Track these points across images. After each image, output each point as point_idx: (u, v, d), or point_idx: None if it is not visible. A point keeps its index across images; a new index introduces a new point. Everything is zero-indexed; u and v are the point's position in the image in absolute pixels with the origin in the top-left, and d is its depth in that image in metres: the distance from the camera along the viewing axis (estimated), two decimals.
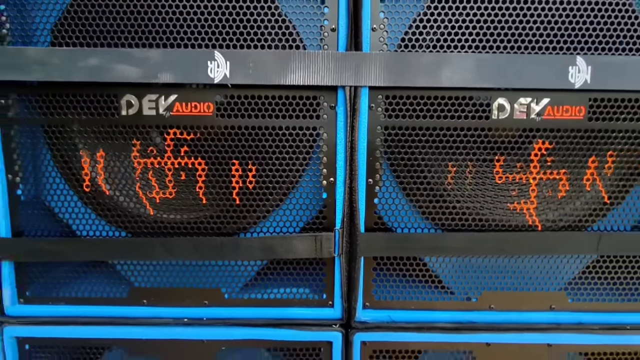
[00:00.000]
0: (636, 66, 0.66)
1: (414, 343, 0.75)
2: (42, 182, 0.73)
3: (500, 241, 0.71)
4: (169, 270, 0.74)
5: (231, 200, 0.71)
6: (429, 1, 0.65)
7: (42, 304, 0.75)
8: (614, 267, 0.75)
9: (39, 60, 0.66)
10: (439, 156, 0.70)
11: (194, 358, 0.75)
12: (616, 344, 0.74)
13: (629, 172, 0.71)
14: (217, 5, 0.65)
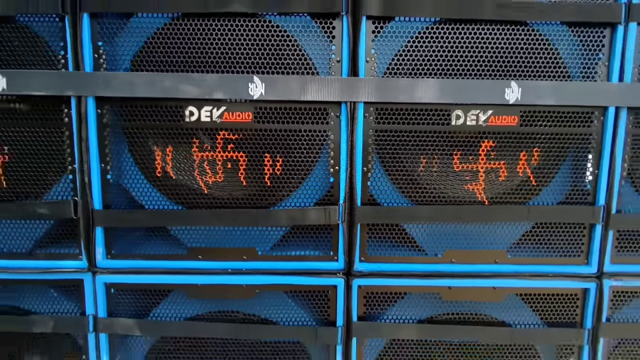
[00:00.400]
0: (552, 88, 0.93)
1: (397, 287, 1.03)
2: (122, 170, 1.00)
3: (458, 212, 0.99)
4: (217, 234, 1.01)
5: (264, 182, 0.98)
6: (405, 42, 0.92)
7: (124, 259, 1.02)
8: (541, 233, 1.03)
9: (127, 81, 0.92)
10: (413, 151, 0.97)
11: (237, 298, 1.03)
12: (540, 287, 1.03)
13: (550, 162, 0.99)
14: (257, 44, 0.91)
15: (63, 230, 1.01)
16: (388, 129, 0.96)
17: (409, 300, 1.05)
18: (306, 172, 0.98)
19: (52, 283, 1.03)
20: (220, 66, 0.93)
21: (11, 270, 1.01)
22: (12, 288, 1.04)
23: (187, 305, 1.05)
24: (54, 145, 0.96)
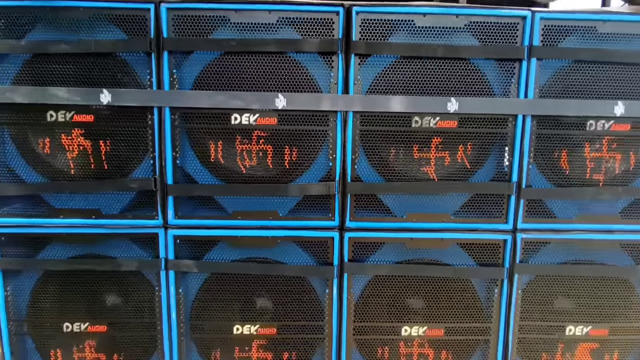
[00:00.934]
0: (481, 102, 1.38)
1: (376, 238, 1.49)
2: (185, 158, 1.44)
3: (416, 187, 1.44)
4: (251, 202, 1.46)
5: (284, 166, 1.43)
6: (380, 71, 1.37)
7: (187, 219, 1.47)
8: (475, 202, 1.49)
9: (192, 97, 1.36)
10: (386, 144, 1.43)
11: (264, 246, 1.48)
12: (474, 238, 1.49)
13: (480, 153, 1.45)
14: (281, 71, 1.36)
15: (144, 199, 1.45)
16: (369, 129, 1.41)
17: (385, 249, 1.51)
18: (313, 159, 1.43)
19: (136, 236, 1.48)
20: (256, 86, 1.37)
21: (108, 226, 1.46)
22: (108, 242, 1.49)
23: (229, 252, 1.50)
24: (141, 140, 1.41)
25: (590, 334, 1.55)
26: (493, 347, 1.56)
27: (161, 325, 1.51)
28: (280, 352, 1.55)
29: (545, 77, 1.41)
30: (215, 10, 1.35)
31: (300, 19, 1.36)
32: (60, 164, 1.43)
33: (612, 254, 1.52)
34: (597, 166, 1.47)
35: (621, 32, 1.40)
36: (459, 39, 1.37)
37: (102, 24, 1.35)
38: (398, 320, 1.54)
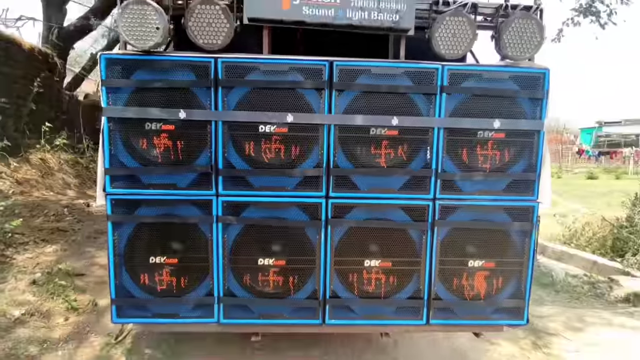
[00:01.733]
0: (413, 119, 2.27)
1: (349, 204, 2.37)
2: (229, 152, 2.31)
3: (374, 171, 2.33)
4: (270, 180, 2.33)
5: (291, 158, 2.31)
6: (350, 100, 2.25)
7: (229, 190, 2.33)
8: (412, 182, 2.38)
9: (235, 115, 2.23)
10: (355, 145, 2.31)
11: (277, 209, 2.36)
12: (409, 204, 2.37)
13: (413, 151, 2.33)
14: (290, 99, 2.23)
15: (204, 178, 2.32)
16: (344, 135, 2.29)
17: (354, 210, 2.39)
18: (309, 154, 2.31)
19: (198, 202, 2.34)
20: (275, 108, 2.24)
21: (180, 195, 2.33)
22: (180, 205, 2.34)
23: (256, 212, 2.37)
24: (203, 141, 2.27)
25: (484, 265, 2.45)
26: (422, 275, 2.45)
27: (212, 259, 2.38)
28: (287, 276, 2.43)
29: (452, 104, 2.30)
30: (250, 62, 2.22)
31: (303, 68, 2.23)
32: (152, 156, 2.30)
33: (498, 215, 2.41)
34: (485, 159, 2.36)
35: (497, 77, 2.29)
36: (399, 80, 2.26)
37: (182, 69, 2.22)
38: (362, 256, 2.42)
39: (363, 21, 2.23)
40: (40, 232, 4.20)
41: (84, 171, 6.67)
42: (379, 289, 2.45)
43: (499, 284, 2.48)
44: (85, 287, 3.42)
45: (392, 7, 2.22)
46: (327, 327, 2.47)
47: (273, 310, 2.44)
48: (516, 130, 2.35)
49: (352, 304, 2.45)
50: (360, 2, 2.21)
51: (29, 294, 3.09)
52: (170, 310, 2.41)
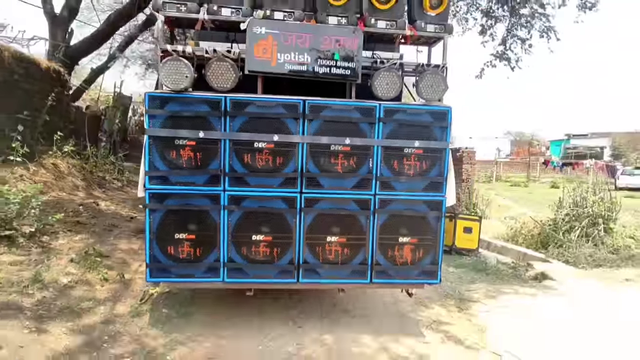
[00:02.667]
0: (361, 140, 3.34)
1: (315, 197, 3.41)
2: (232, 161, 3.32)
3: (334, 175, 3.38)
4: (262, 180, 3.35)
5: (277, 165, 3.34)
6: (317, 126, 3.31)
7: (232, 187, 3.34)
8: (361, 183, 3.44)
9: (238, 135, 3.26)
10: (320, 156, 3.36)
11: (266, 201, 3.38)
12: (359, 198, 3.43)
13: (361, 162, 3.40)
14: (276, 126, 3.28)
15: (214, 178, 3.32)
16: (313, 150, 3.34)
17: (320, 202, 3.43)
18: (288, 162, 3.35)
19: (210, 195, 3.34)
20: (265, 130, 3.28)
21: (197, 190, 3.32)
22: (196, 198, 3.33)
23: (252, 203, 3.38)
24: (215, 153, 3.28)
25: (410, 241, 3.53)
26: (367, 248, 3.50)
27: (219, 236, 3.37)
28: (272, 248, 3.44)
29: (387, 130, 3.39)
30: (248, 100, 3.26)
31: (284, 104, 3.28)
32: (178, 163, 3.28)
33: (419, 206, 3.50)
34: (409, 168, 3.45)
35: (417, 112, 3.40)
36: (350, 113, 3.33)
37: (201, 104, 3.23)
38: (325, 234, 3.46)
39: (327, 74, 3.30)
40: (65, 225, 5.06)
41: (89, 175, 7.51)
42: (337, 257, 3.49)
43: (420, 254, 3.56)
44: (112, 265, 4.33)
45: (346, 65, 3.30)
46: (300, 285, 3.50)
47: (262, 273, 3.44)
48: (430, 148, 3.45)
49: (318, 268, 3.48)
50: (324, 61, 3.28)
51: (70, 268, 3.99)
52: (189, 272, 3.39)
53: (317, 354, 3.34)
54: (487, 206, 10.65)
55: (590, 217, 6.88)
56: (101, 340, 3.20)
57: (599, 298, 4.71)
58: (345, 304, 4.29)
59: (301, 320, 3.85)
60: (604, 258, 6.22)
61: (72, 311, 3.43)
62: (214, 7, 3.22)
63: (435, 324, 4.03)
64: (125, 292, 3.96)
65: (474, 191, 10.41)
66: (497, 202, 10.89)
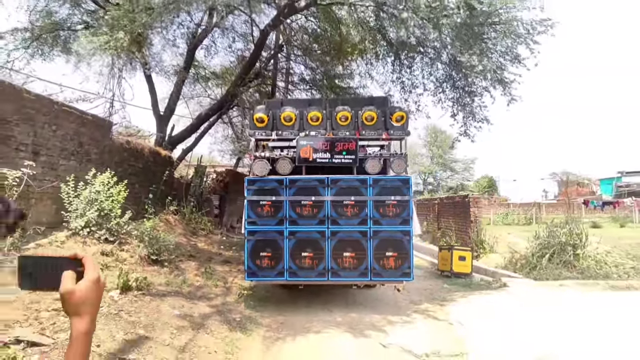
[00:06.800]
0: (359, 197, 6.03)
1: (336, 230, 6.07)
2: (290, 212, 6.10)
3: (346, 217, 6.05)
4: (306, 222, 6.09)
5: (313, 213, 6.08)
6: (335, 191, 6.06)
7: (291, 226, 6.10)
8: (361, 221, 6.07)
9: (292, 198, 6.08)
10: (339, 207, 6.06)
11: (310, 233, 6.07)
12: (360, 230, 6.05)
13: (360, 209, 6.07)
14: (311, 192, 6.07)
15: (280, 222, 6.10)
16: (334, 204, 6.06)
17: (340, 233, 6.07)
18: (320, 211, 6.08)
19: (278, 231, 6.10)
20: (306, 194, 6.07)
21: (271, 228, 6.10)
22: (271, 233, 6.10)
23: (301, 234, 6.09)
24: (281, 208, 6.08)
25: (393, 254, 6.03)
26: (367, 260, 6.03)
27: (283, 253, 6.08)
28: (312, 260, 6.07)
29: (375, 191, 6.06)
30: (298, 178, 6.09)
31: (317, 179, 6.08)
32: (262, 214, 6.12)
33: (397, 234, 6.04)
34: (390, 212, 6.05)
35: (392, 179, 6.07)
36: (354, 183, 6.06)
37: (274, 182, 6.11)
38: (343, 251, 6.05)
39: (339, 162, 6.09)
40: (183, 256, 8.02)
41: (186, 226, 10.66)
42: (350, 265, 6.05)
43: (399, 262, 6.03)
44: (217, 278, 7.14)
45: (350, 157, 6.09)
46: (329, 282, 6.06)
47: (307, 274, 6.06)
48: (400, 200, 6.04)
49: (340, 272, 6.04)
50: (338, 156, 6.08)
51: (197, 278, 6.84)
52: (267, 274, 6.08)
53: (341, 321, 5.82)
54: (496, 243, 12.59)
55: (559, 245, 8.87)
56: (222, 311, 5.90)
57: (534, 295, 6.80)
58: (359, 300, 6.74)
59: (331, 306, 6.37)
60: (566, 276, 8.17)
61: (205, 297, 6.20)
62: (280, 132, 6.20)
63: (420, 310, 6.37)
64: (228, 292, 6.71)
65: (482, 230, 12.47)
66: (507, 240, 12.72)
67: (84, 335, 0.85)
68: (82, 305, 0.86)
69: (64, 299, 0.86)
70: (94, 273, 0.88)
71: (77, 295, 0.86)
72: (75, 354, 0.84)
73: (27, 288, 0.92)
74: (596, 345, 4.52)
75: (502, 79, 8.28)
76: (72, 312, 0.86)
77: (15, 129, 5.56)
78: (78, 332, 0.85)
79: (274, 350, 4.72)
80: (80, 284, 0.86)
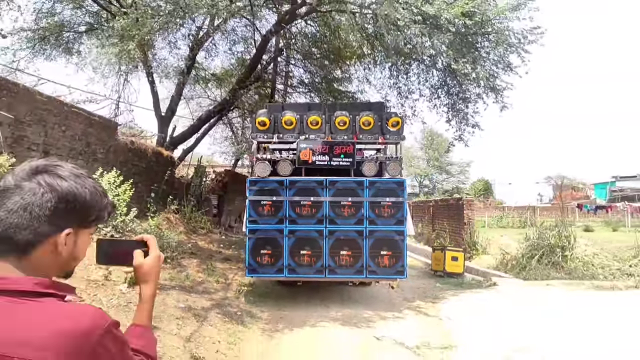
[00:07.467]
0: (355, 199, 6.32)
1: (334, 229, 6.36)
2: (290, 211, 6.39)
3: (343, 217, 6.34)
4: (305, 221, 6.37)
5: (312, 213, 6.37)
6: (333, 192, 6.35)
7: (290, 225, 6.38)
8: (358, 221, 6.36)
9: (292, 198, 6.36)
10: (336, 208, 6.36)
11: (309, 231, 6.36)
12: (356, 229, 6.34)
13: (356, 209, 6.36)
14: (310, 192, 6.37)
15: (280, 221, 6.37)
16: (332, 204, 6.36)
17: (337, 232, 6.37)
18: (319, 211, 6.36)
19: (278, 230, 6.38)
20: (306, 194, 6.36)
21: (272, 227, 6.38)
22: (271, 232, 6.38)
23: (300, 233, 6.37)
24: (281, 208, 6.37)
25: (387, 253, 6.32)
26: (363, 258, 6.33)
27: (283, 251, 6.35)
28: (311, 258, 6.34)
29: (371, 192, 6.36)
30: (298, 179, 6.38)
31: (316, 181, 6.36)
32: (262, 213, 6.40)
33: (392, 233, 6.33)
34: (385, 212, 6.34)
35: (387, 182, 6.37)
36: (351, 184, 6.35)
37: (274, 182, 6.39)
38: (340, 250, 6.34)
39: (338, 165, 6.38)
40: (185, 254, 8.28)
41: (187, 224, 10.91)
42: (347, 263, 6.33)
43: (393, 261, 6.33)
44: (218, 274, 7.41)
45: (347, 160, 6.38)
46: (327, 279, 6.34)
47: (306, 271, 6.34)
48: (395, 201, 6.34)
49: (337, 269, 6.32)
50: (336, 159, 6.38)
51: (200, 274, 7.10)
52: (267, 271, 6.36)
53: (338, 316, 6.10)
54: (488, 244, 12.92)
55: (548, 247, 9.20)
56: (223, 305, 6.17)
57: (521, 293, 7.13)
58: (355, 297, 7.04)
59: (328, 302, 6.66)
60: (554, 276, 8.50)
61: (207, 292, 6.47)
62: (281, 135, 6.49)
63: (413, 306, 6.67)
64: (229, 288, 6.98)
65: (475, 232, 12.80)
66: (500, 242, 13.07)
67: (151, 297, 1.14)
68: (148, 274, 1.14)
69: (136, 270, 1.14)
70: (156, 251, 1.17)
71: (145, 268, 1.14)
72: (145, 310, 1.12)
73: (103, 263, 1.20)
74: (570, 338, 4.84)
75: (495, 87, 8.61)
76: (141, 280, 1.14)
77: (28, 129, 5.81)
78: (146, 295, 1.13)
79: (274, 341, 5.00)
80: (147, 259, 1.15)
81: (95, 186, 0.96)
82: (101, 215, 0.98)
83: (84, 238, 0.96)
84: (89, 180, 0.96)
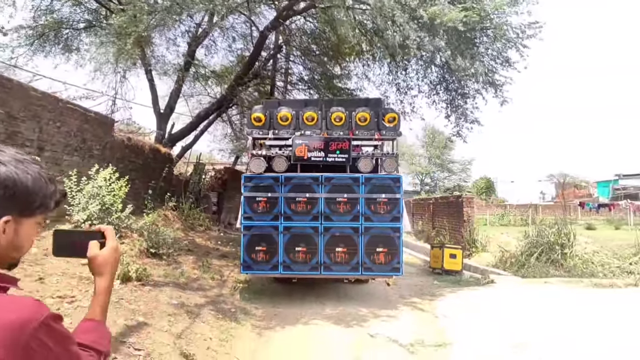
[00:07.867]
0: (351, 195, 6.27)
1: (330, 226, 6.32)
2: (285, 207, 6.34)
3: (339, 214, 6.29)
4: (301, 218, 6.33)
5: (308, 209, 6.32)
6: (328, 188, 6.30)
7: (285, 221, 6.34)
8: (354, 217, 6.31)
9: (287, 195, 6.31)
10: (332, 204, 6.31)
11: (304, 228, 6.32)
12: (352, 226, 6.30)
13: (352, 206, 6.31)
14: (306, 189, 6.32)
15: (275, 217, 6.33)
16: (328, 201, 6.31)
17: (332, 229, 6.32)
18: (314, 208, 6.32)
19: (273, 226, 6.34)
20: (301, 191, 6.31)
21: (267, 224, 6.34)
22: (266, 228, 6.34)
23: (295, 230, 6.33)
24: (276, 204, 6.32)
25: (383, 250, 6.27)
26: (359, 254, 6.28)
27: (278, 248, 6.31)
28: (306, 255, 6.30)
29: (367, 188, 6.30)
30: (293, 176, 6.33)
31: (312, 177, 6.32)
32: (257, 209, 6.35)
33: (387, 230, 6.28)
34: (381, 208, 6.29)
35: (383, 178, 6.32)
36: (347, 180, 6.30)
37: (269, 179, 6.35)
38: (336, 246, 6.30)
39: (333, 161, 6.33)
40: (181, 251, 8.26)
41: (185, 221, 10.89)
42: (342, 260, 6.29)
43: (389, 258, 6.28)
44: (214, 271, 7.38)
45: (343, 156, 6.33)
46: (322, 275, 6.30)
47: (301, 268, 6.30)
48: (391, 198, 6.29)
49: (332, 266, 6.28)
50: (332, 155, 6.32)
51: (195, 271, 7.08)
52: (262, 268, 6.32)
53: (333, 313, 6.06)
54: (488, 242, 12.84)
55: (547, 244, 9.12)
56: (217, 302, 6.14)
57: (519, 291, 7.07)
58: (351, 294, 6.99)
59: (323, 299, 6.62)
60: (553, 274, 8.43)
61: (202, 289, 6.45)
62: (277, 131, 6.44)
63: (409, 304, 6.62)
64: (224, 284, 6.95)
65: (475, 229, 12.73)
66: (499, 239, 12.98)
67: (105, 290, 1.09)
68: (103, 266, 1.10)
69: (90, 262, 1.10)
70: (113, 242, 1.12)
71: (99, 259, 1.09)
72: (98, 304, 1.08)
73: (59, 255, 1.16)
74: (566, 335, 4.78)
75: (494, 82, 8.53)
76: (95, 272, 1.10)
77: (22, 125, 5.79)
78: (100, 288, 1.09)
79: (266, 339, 4.96)
80: (103, 251, 1.10)
81: (39, 172, 0.92)
82: (46, 203, 0.93)
83: (27, 227, 0.91)
84: (33, 165, 0.91)
